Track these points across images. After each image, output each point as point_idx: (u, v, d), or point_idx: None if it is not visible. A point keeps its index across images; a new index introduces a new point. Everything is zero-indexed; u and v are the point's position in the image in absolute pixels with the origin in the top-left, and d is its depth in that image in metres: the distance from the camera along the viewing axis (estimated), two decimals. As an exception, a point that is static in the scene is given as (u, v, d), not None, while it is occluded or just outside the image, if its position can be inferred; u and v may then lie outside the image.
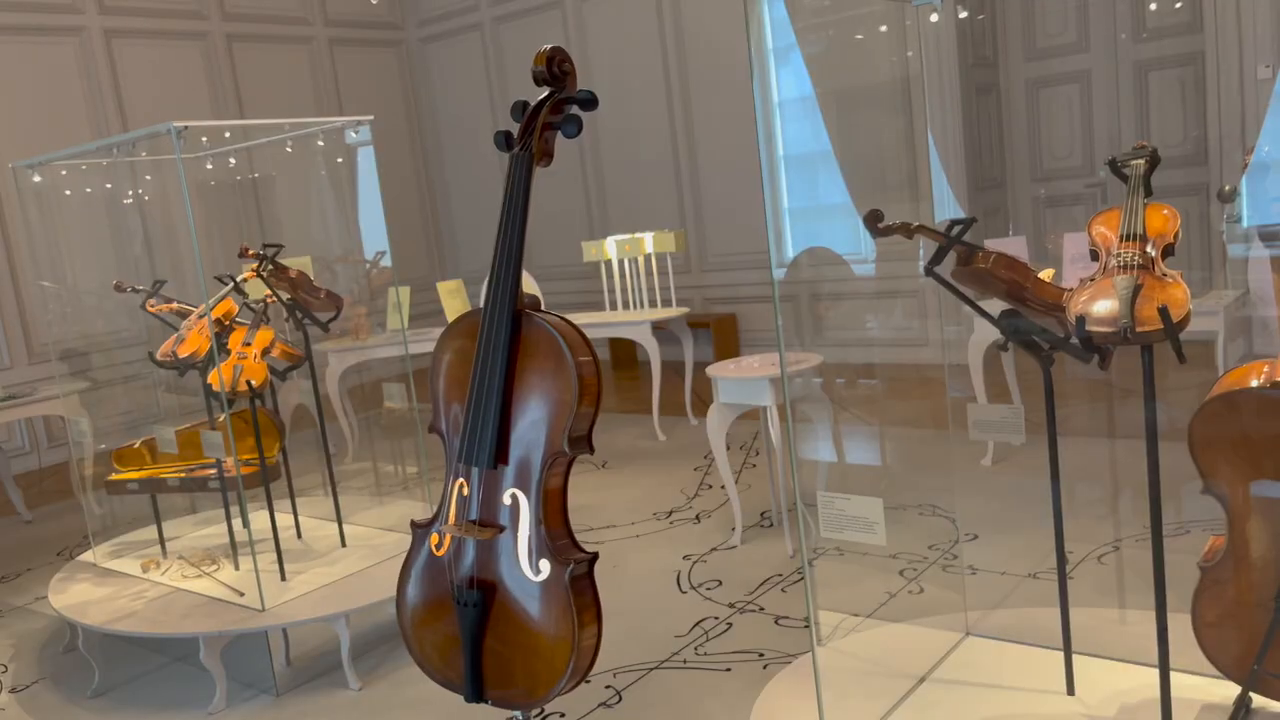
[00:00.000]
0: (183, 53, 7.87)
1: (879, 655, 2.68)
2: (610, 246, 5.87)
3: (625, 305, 6.21)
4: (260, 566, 3.39)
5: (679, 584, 3.76)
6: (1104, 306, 1.75)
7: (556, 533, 1.74)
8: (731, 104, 7.50)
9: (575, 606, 1.69)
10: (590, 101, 1.72)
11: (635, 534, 4.36)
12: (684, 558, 4.01)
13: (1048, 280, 2.15)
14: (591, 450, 1.66)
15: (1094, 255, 1.92)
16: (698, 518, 4.46)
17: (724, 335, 7.62)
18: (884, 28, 3.67)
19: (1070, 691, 2.35)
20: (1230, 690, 2.16)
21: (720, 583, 3.72)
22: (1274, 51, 5.44)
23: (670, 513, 4.58)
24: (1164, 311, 1.66)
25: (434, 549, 1.83)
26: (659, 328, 5.79)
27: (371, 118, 3.63)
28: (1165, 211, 1.90)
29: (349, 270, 5.05)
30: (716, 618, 3.43)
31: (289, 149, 3.98)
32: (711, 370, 3.99)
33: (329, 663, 3.45)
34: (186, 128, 3.12)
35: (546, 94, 1.81)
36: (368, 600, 3.35)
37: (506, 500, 1.72)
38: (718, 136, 7.64)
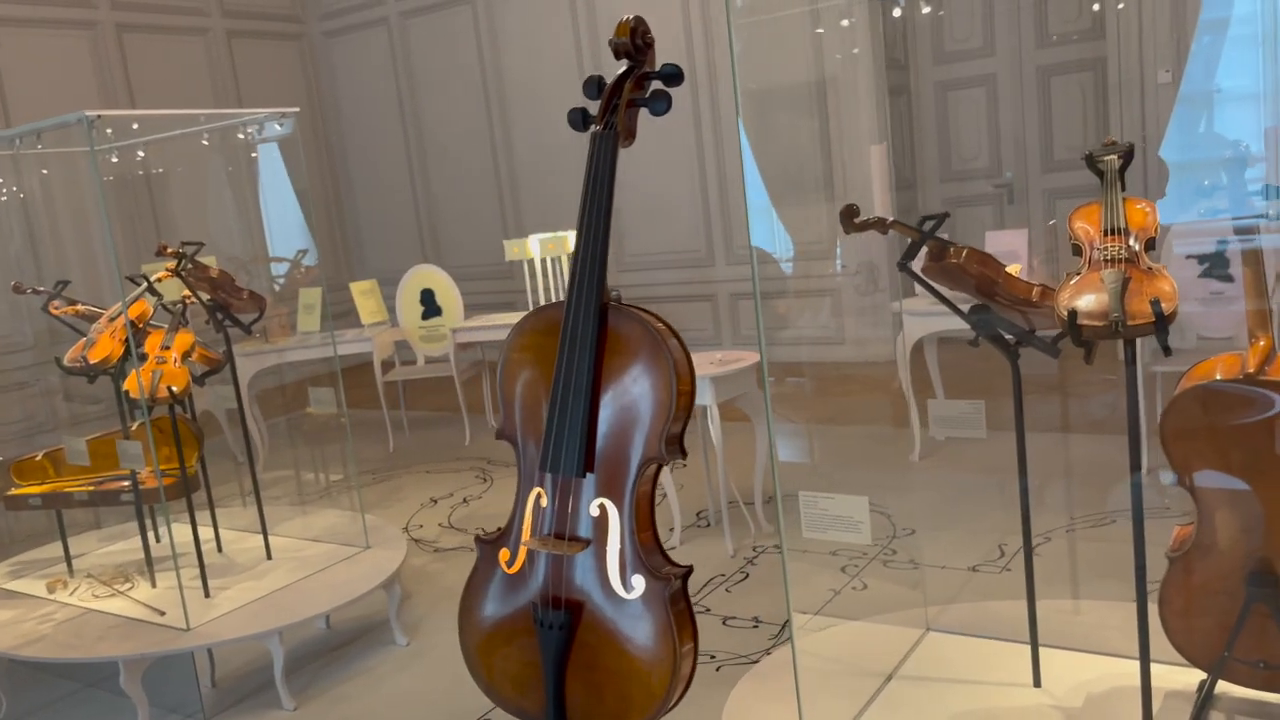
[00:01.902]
0: (69, 43, 7.43)
1: (842, 654, 2.66)
2: (533, 245, 5.76)
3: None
4: (181, 583, 3.19)
5: (621, 588, 3.69)
6: (1093, 300, 1.76)
7: (649, 546, 1.60)
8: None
9: (675, 625, 1.55)
10: (676, 76, 1.58)
11: (571, 538, 4.27)
12: (624, 561, 3.94)
13: (1016, 275, 2.16)
14: (684, 454, 1.55)
15: (1076, 250, 1.93)
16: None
17: (643, 335, 7.58)
18: (820, 30, 3.68)
19: (1037, 684, 2.37)
20: (1191, 677, 2.21)
21: (664, 585, 3.67)
22: (1173, 57, 5.67)
23: (605, 515, 4.50)
24: (1156, 305, 1.67)
25: (505, 566, 1.70)
26: (584, 328, 5.70)
27: (297, 110, 3.46)
28: (1142, 206, 1.93)
29: (268, 270, 4.83)
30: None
31: (205, 141, 3.77)
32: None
33: (259, 682, 3.28)
34: (99, 117, 2.91)
35: (627, 68, 1.65)
36: (301, 615, 3.19)
37: (593, 511, 1.59)
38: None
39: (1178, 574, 2.09)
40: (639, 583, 1.53)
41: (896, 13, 6.49)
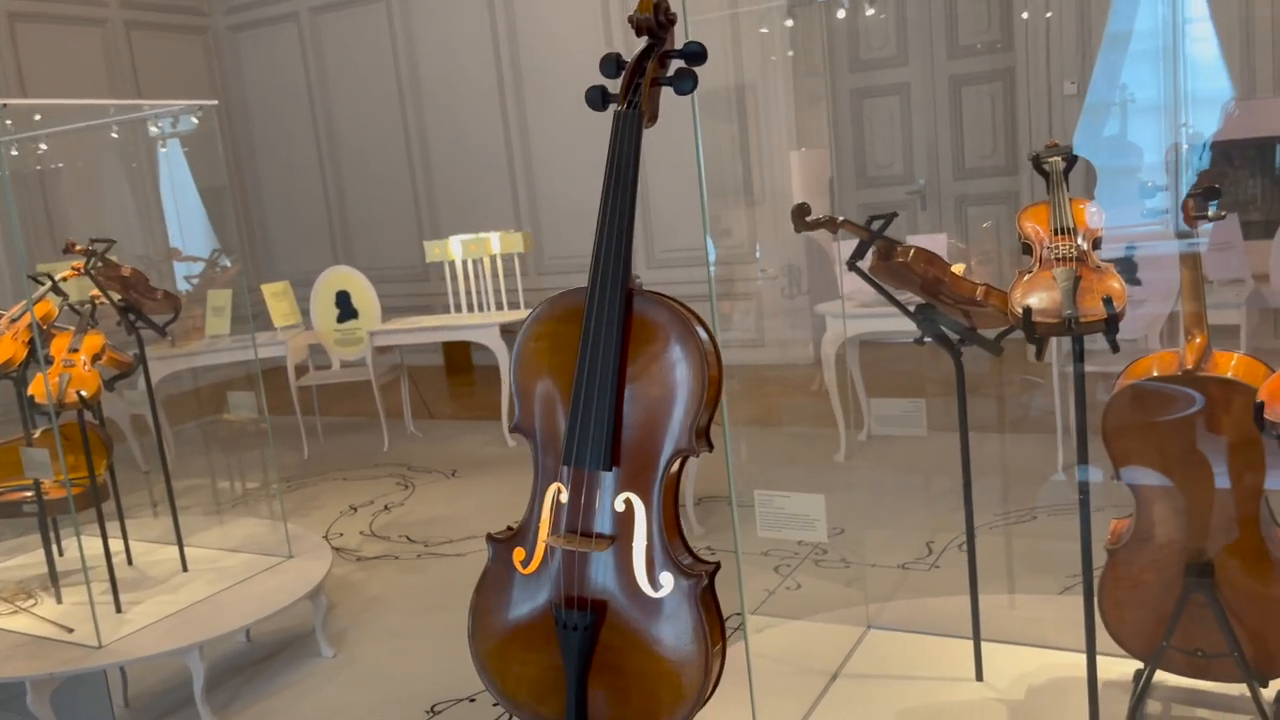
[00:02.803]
0: (-46, 29, 7.04)
1: (786, 653, 2.66)
2: (454, 247, 5.66)
3: (470, 308, 6.01)
4: (92, 598, 3.03)
5: (554, 593, 3.64)
6: (1045, 298, 1.79)
7: (676, 541, 1.54)
8: (568, 102, 7.43)
9: (706, 623, 1.49)
10: (700, 55, 1.53)
11: (499, 543, 4.20)
12: (555, 566, 3.89)
13: (961, 275, 2.19)
14: (711, 446, 1.50)
15: (1026, 249, 1.96)
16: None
17: (563, 338, 7.52)
18: (764, 29, 3.70)
19: (979, 678, 2.41)
20: (1126, 667, 2.26)
21: (597, 589, 3.63)
22: (1079, 69, 5.88)
23: (532, 520, 4.44)
24: (1109, 303, 1.71)
25: (520, 566, 1.62)
26: (507, 331, 5.63)
27: (215, 102, 3.32)
28: (1086, 205, 1.97)
29: (182, 269, 4.63)
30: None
31: (115, 134, 3.59)
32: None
33: (176, 699, 3.13)
34: (5, 105, 2.75)
35: (649, 45, 1.59)
36: (223, 629, 3.06)
37: (619, 506, 1.53)
38: (554, 135, 7.55)
39: (1116, 566, 2.14)
40: (667, 580, 1.49)
41: (790, 22, 6.58)
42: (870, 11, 6.25)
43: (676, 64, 1.54)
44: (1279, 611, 1.98)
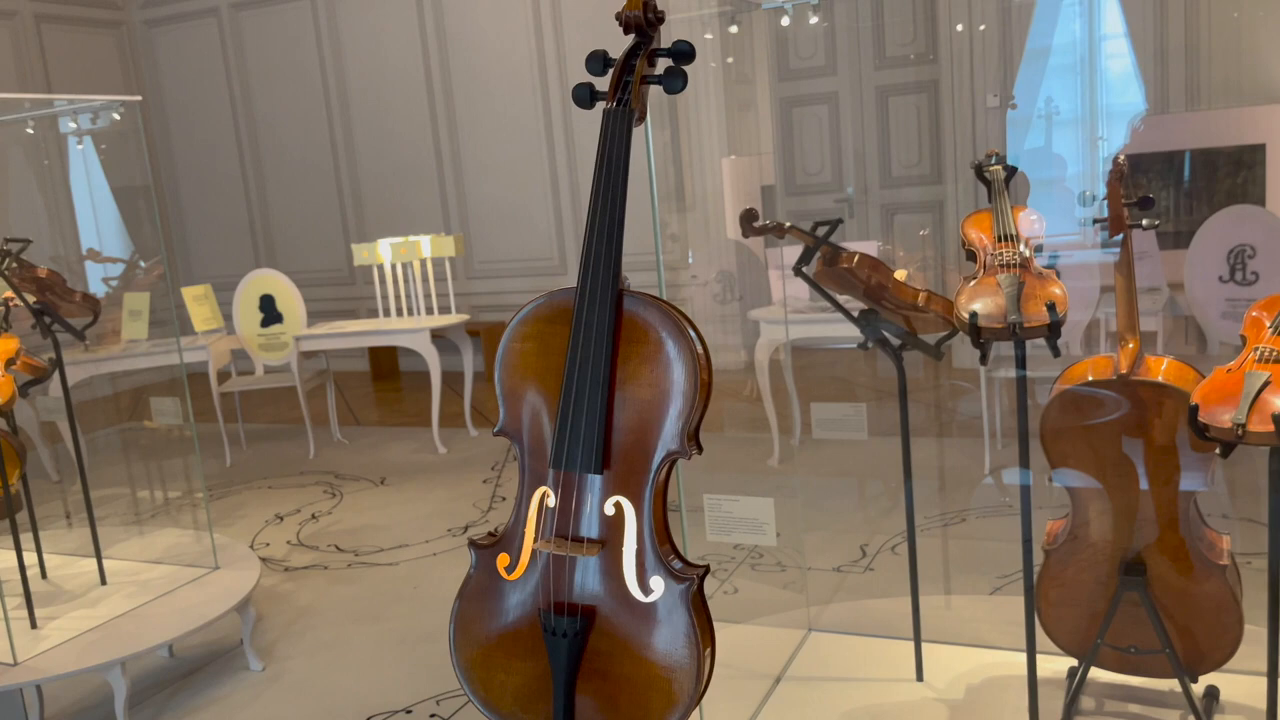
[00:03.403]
0: None
1: (729, 658, 2.66)
2: (384, 250, 5.56)
3: (399, 312, 5.91)
4: (6, 613, 2.89)
5: (490, 601, 3.59)
6: (990, 304, 1.82)
7: (666, 545, 1.52)
8: (499, 105, 7.37)
9: (697, 627, 1.48)
10: (689, 54, 1.50)
11: (432, 552, 4.14)
12: (490, 573, 3.83)
13: (904, 281, 2.22)
14: (700, 449, 1.48)
15: (970, 256, 2.00)
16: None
17: (494, 344, 7.45)
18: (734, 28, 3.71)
19: (919, 678, 2.44)
20: (1060, 664, 2.32)
21: (533, 597, 3.59)
22: (1001, 82, 6.03)
23: (466, 527, 4.38)
24: (1052, 309, 1.75)
25: (504, 572, 1.57)
26: (437, 336, 5.56)
27: (139, 99, 3.21)
28: (1027, 213, 2.02)
29: (100, 271, 4.46)
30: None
31: (30, 130, 3.44)
32: (517, 377, 3.85)
33: (96, 718, 3.01)
34: (-88, 96, 2.61)
35: (636, 43, 1.56)
36: (146, 644, 2.95)
37: (608, 510, 1.49)
38: (485, 138, 7.49)
39: (1052, 567, 2.19)
40: (658, 584, 1.46)
41: (735, 28, 6.64)
42: (814, 20, 6.34)
43: (665, 63, 1.52)
44: (1208, 609, 2.05)
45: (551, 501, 1.53)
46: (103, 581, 3.38)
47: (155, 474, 5.20)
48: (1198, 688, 2.15)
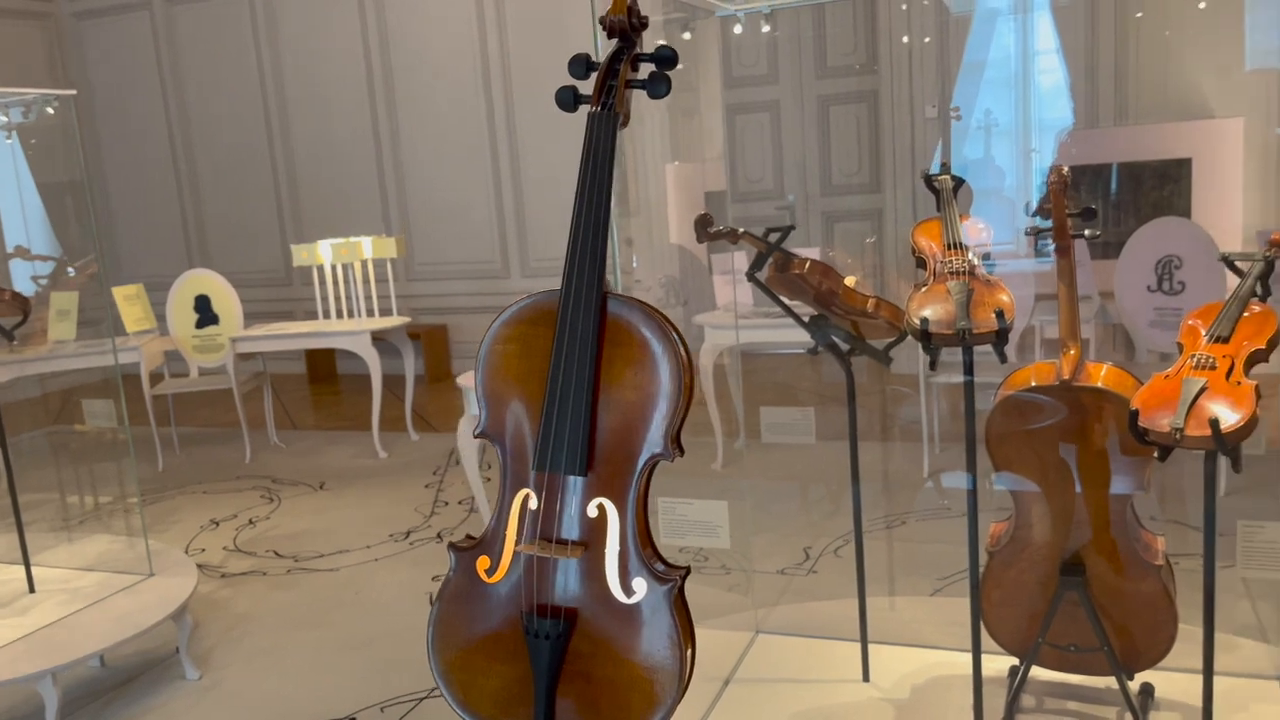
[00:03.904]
0: None
1: (677, 661, 2.67)
2: (324, 251, 5.48)
3: (340, 314, 5.82)
4: (-69, 624, 2.80)
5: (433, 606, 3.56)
6: (940, 311, 1.86)
7: (648, 547, 1.52)
8: (441, 105, 7.32)
9: (679, 629, 1.50)
10: (672, 59, 1.51)
11: (374, 557, 4.08)
12: (434, 579, 3.80)
13: (853, 288, 2.26)
14: (682, 451, 1.47)
15: (920, 263, 2.04)
16: (439, 536, 4.26)
17: (434, 347, 7.39)
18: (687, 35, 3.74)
19: (865, 679, 2.48)
20: (1001, 664, 2.37)
21: (478, 602, 3.56)
22: (939, 93, 6.16)
23: (408, 532, 4.34)
24: (1000, 316, 1.79)
25: (485, 575, 1.54)
26: (378, 338, 5.49)
27: (74, 93, 3.12)
28: (974, 222, 2.06)
29: (28, 269, 4.33)
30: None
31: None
32: (463, 380, 3.83)
33: (24, 732, 2.91)
34: None
35: (620, 48, 1.57)
36: (79, 653, 2.87)
37: (591, 512, 1.47)
38: (427, 139, 7.42)
39: (995, 568, 2.24)
40: (640, 586, 1.46)
41: (687, 35, 6.68)
42: (766, 29, 6.40)
43: (647, 68, 1.53)
44: (1144, 608, 2.11)
45: (534, 504, 1.53)
46: (31, 589, 3.28)
47: (86, 478, 5.05)
48: (1133, 685, 2.22)
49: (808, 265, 2.18)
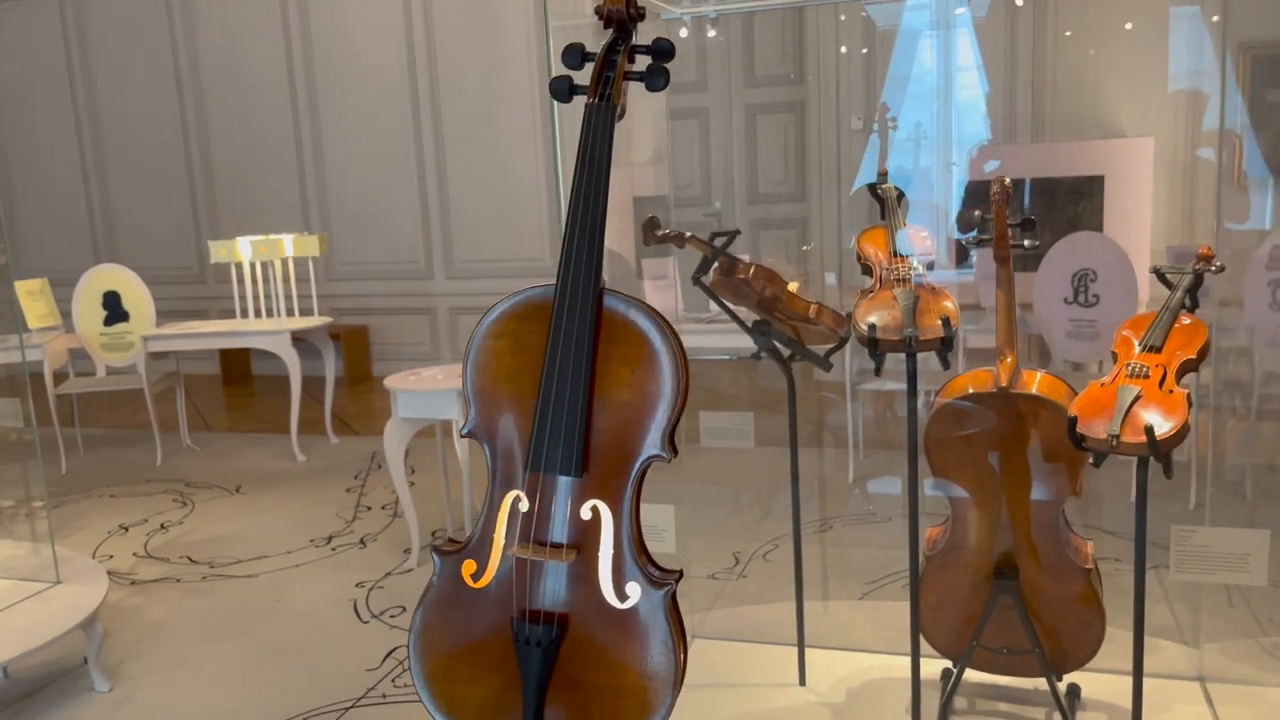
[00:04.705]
0: None
1: (613, 667, 2.65)
2: (243, 248, 5.32)
3: (258, 313, 5.66)
4: None
5: (358, 613, 3.48)
6: (887, 317, 1.88)
7: (642, 551, 1.48)
8: (365, 101, 7.18)
9: (673, 634, 1.46)
10: (670, 52, 1.47)
11: (294, 563, 3.97)
12: (357, 585, 3.71)
13: (796, 293, 2.27)
14: (676, 452, 1.42)
15: (866, 270, 2.05)
16: (363, 541, 4.16)
17: (355, 349, 7.24)
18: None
19: (802, 683, 2.49)
20: (934, 666, 2.40)
21: (404, 608, 3.49)
22: (865, 106, 6.27)
23: (330, 538, 4.23)
24: (946, 323, 1.81)
25: (470, 580, 1.46)
26: (298, 339, 5.35)
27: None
28: (916, 230, 2.09)
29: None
30: (409, 646, 3.22)
31: None
32: (390, 382, 3.75)
33: (-82, 749, 2.75)
34: None
35: (616, 38, 1.52)
36: (-20, 665, 2.72)
37: (585, 514, 1.42)
38: (350, 137, 7.27)
39: (931, 572, 2.27)
40: (634, 591, 1.42)
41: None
42: (712, 34, 6.42)
43: (644, 60, 1.50)
44: (1074, 610, 2.16)
45: (524, 505, 1.48)
46: (-73, 598, 3.10)
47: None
48: (1061, 686, 2.27)
49: (752, 270, 2.19)
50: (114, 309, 5.55)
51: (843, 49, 6.29)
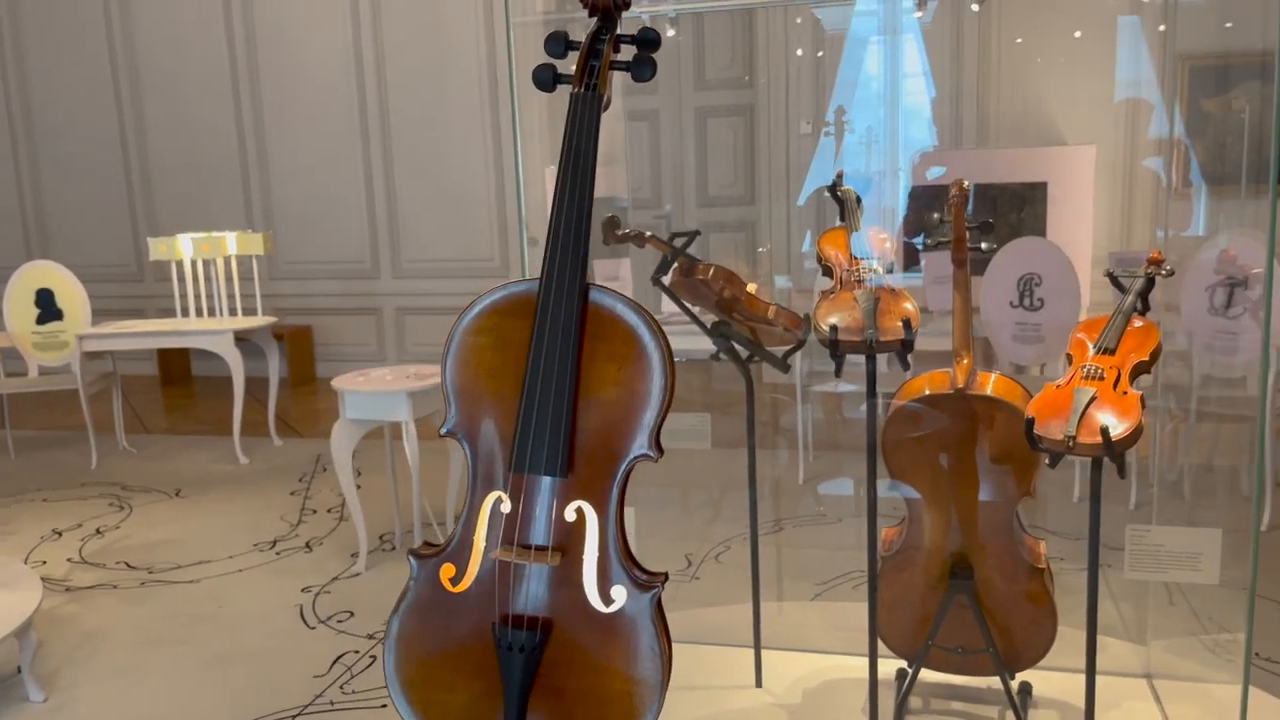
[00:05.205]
0: None
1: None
2: (184, 245, 5.19)
3: (199, 312, 5.53)
4: None
5: (305, 619, 3.40)
6: (848, 318, 1.88)
7: (627, 553, 1.43)
8: (311, 95, 7.05)
9: (659, 638, 1.43)
10: (655, 42, 1.43)
11: (237, 568, 3.88)
12: (303, 590, 3.64)
13: (755, 295, 2.27)
14: (662, 451, 1.38)
15: (827, 271, 2.06)
16: (309, 545, 4.08)
17: (299, 349, 7.10)
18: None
19: (759, 684, 2.49)
20: (889, 666, 2.41)
21: (352, 613, 3.43)
22: (814, 110, 6.32)
23: (274, 542, 4.14)
24: (907, 324, 1.82)
25: (449, 584, 1.41)
26: (241, 339, 5.23)
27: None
28: (876, 232, 2.10)
29: None
30: (357, 651, 3.16)
31: None
32: (339, 383, 3.68)
33: None
34: None
35: (601, 27, 1.48)
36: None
37: (569, 516, 1.37)
38: (294, 135, 7.14)
39: (888, 571, 2.28)
40: (620, 594, 1.38)
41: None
42: (671, 33, 6.41)
43: (630, 50, 1.47)
44: (1028, 609, 2.19)
45: (506, 507, 1.43)
46: None
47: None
48: (1013, 684, 2.29)
49: (712, 271, 2.18)
50: (47, 307, 5.38)
51: (798, 51, 6.33)
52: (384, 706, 2.81)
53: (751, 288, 2.27)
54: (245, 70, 7.14)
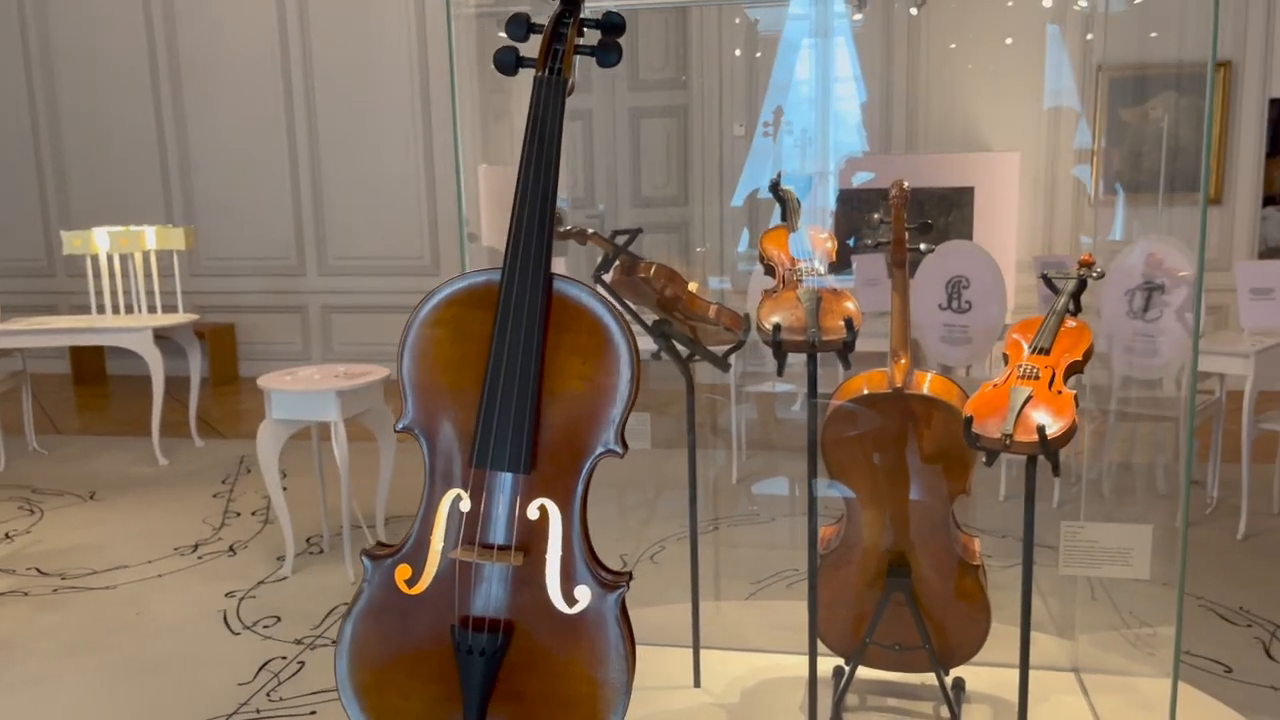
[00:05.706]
0: None
1: (504, 674, 2.59)
2: (100, 239, 5.01)
3: (116, 309, 5.34)
4: None
5: (229, 625, 3.30)
6: (790, 317, 1.88)
7: (590, 552, 1.38)
8: (235, 86, 6.87)
9: (624, 639, 1.41)
10: (620, 26, 1.38)
11: (156, 573, 3.75)
12: (227, 595, 3.53)
13: (696, 294, 2.26)
14: (626, 447, 1.33)
15: (769, 271, 2.06)
16: (232, 549, 3.97)
17: (221, 348, 6.91)
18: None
19: (697, 684, 2.48)
20: (825, 665, 2.43)
21: (279, 619, 3.34)
22: (747, 112, 6.36)
23: (196, 546, 4.01)
24: (849, 324, 1.83)
25: (404, 586, 1.34)
26: (161, 337, 5.07)
27: None
28: (817, 231, 2.11)
29: None
30: (284, 657, 3.08)
31: None
32: (264, 382, 3.58)
33: None
34: None
35: (564, 9, 1.43)
36: None
37: (532, 514, 1.31)
38: (217, 128, 6.95)
39: (826, 570, 2.29)
40: (583, 594, 1.34)
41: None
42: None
43: (595, 35, 1.44)
44: (962, 606, 2.22)
45: (465, 505, 1.38)
46: None
47: None
48: (947, 680, 2.32)
49: (653, 269, 2.17)
50: (-48, 302, 5.15)
51: (736, 52, 6.36)
52: (313, 714, 2.74)
53: (693, 286, 2.26)
54: (165, 56, 6.93)
